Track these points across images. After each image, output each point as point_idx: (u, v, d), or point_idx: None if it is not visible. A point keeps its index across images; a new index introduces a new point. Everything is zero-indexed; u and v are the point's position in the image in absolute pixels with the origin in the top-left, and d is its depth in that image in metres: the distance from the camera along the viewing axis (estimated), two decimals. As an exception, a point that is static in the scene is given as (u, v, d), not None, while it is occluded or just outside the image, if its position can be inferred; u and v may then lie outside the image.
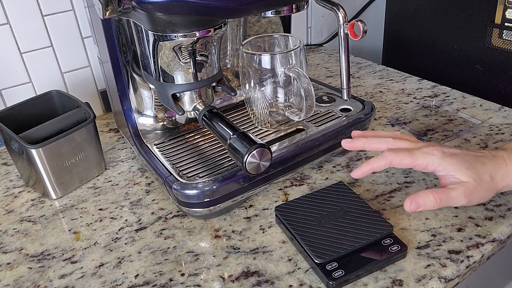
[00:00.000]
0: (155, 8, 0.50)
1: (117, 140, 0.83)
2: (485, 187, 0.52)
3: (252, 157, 0.53)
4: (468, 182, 0.52)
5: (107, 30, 0.62)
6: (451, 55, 0.99)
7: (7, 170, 0.76)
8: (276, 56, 0.63)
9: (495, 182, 0.53)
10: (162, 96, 0.62)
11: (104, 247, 0.58)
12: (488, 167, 0.53)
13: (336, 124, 0.69)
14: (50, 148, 0.64)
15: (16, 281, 0.54)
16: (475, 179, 0.52)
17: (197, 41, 0.56)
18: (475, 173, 0.52)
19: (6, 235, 0.62)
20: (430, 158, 0.53)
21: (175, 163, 0.64)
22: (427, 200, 0.52)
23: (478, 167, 0.53)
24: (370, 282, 0.50)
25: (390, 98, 0.90)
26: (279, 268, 0.53)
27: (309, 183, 0.67)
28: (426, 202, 0.52)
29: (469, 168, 0.52)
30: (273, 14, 0.64)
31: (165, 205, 0.65)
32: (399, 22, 1.10)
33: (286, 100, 0.68)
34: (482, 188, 0.52)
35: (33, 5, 0.78)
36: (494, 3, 0.86)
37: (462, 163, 0.53)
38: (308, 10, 1.16)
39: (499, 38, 0.87)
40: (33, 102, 0.73)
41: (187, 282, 0.52)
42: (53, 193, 0.68)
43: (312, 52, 1.17)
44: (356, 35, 0.62)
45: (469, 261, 0.52)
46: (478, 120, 0.78)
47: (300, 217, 0.57)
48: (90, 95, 0.91)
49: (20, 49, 0.80)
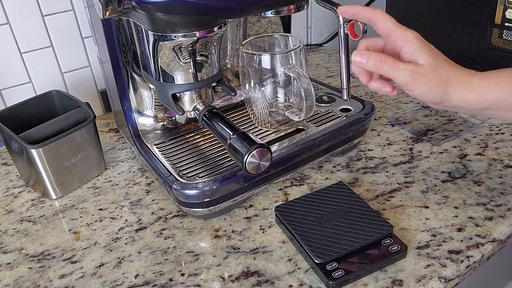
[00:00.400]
0: (155, 8, 0.50)
1: (117, 140, 0.83)
2: (436, 80, 0.49)
3: (252, 157, 0.53)
4: (424, 65, 0.49)
5: (107, 30, 0.62)
6: (451, 55, 0.98)
7: (7, 170, 0.76)
8: (276, 56, 0.63)
9: (449, 83, 0.49)
10: (162, 96, 0.62)
11: (104, 247, 0.58)
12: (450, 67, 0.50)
13: (336, 124, 0.69)
14: (50, 148, 0.64)
15: (16, 281, 0.54)
16: (432, 67, 0.49)
17: (197, 41, 0.56)
18: (436, 62, 0.50)
19: (6, 235, 0.62)
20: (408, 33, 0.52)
21: (175, 163, 0.64)
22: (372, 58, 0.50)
23: (441, 61, 0.50)
24: (370, 282, 0.50)
25: (390, 98, 0.90)
26: (279, 268, 0.53)
27: (309, 183, 0.67)
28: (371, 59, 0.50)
29: (433, 56, 0.50)
30: (273, 14, 0.64)
31: (165, 205, 0.65)
32: (399, 22, 1.10)
33: (286, 100, 0.68)
34: (431, 79, 0.49)
35: (33, 5, 0.78)
36: (494, 3, 0.86)
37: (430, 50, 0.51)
38: (308, 10, 1.16)
39: (499, 38, 0.87)
40: (33, 102, 0.73)
41: (187, 282, 0.52)
42: (53, 193, 0.68)
43: (312, 52, 1.17)
44: (356, 35, 0.62)
45: (469, 261, 0.52)
46: (478, 120, 0.78)
47: (300, 217, 0.57)
48: (90, 95, 0.91)
49: (20, 49, 0.80)
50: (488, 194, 0.62)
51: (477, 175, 0.66)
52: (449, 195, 0.62)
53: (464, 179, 0.65)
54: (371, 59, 0.50)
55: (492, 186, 0.63)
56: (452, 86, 0.49)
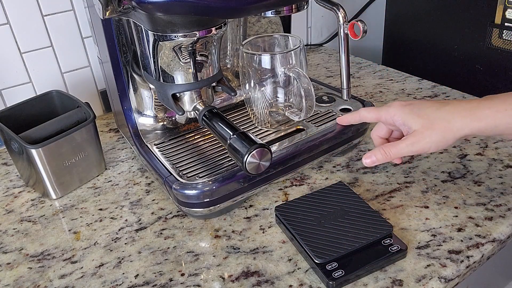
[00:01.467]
0: (155, 8, 0.50)
1: (117, 140, 0.83)
2: (439, 132, 0.50)
3: (252, 157, 0.53)
4: (418, 130, 0.51)
5: (107, 30, 0.62)
6: (451, 55, 0.99)
7: (7, 170, 0.76)
8: (276, 56, 0.63)
9: (453, 125, 0.50)
10: (162, 96, 0.62)
11: (104, 247, 0.58)
12: (443, 111, 0.51)
13: (336, 124, 0.69)
14: (50, 148, 0.64)
15: (16, 281, 0.54)
16: (425, 125, 0.51)
17: (197, 41, 0.56)
18: (426, 119, 0.51)
19: (6, 235, 0.62)
20: (390, 109, 0.55)
21: (175, 163, 0.64)
22: (378, 154, 0.54)
23: (430, 113, 0.51)
24: (370, 282, 0.50)
25: (390, 98, 0.90)
26: (279, 268, 0.53)
27: (309, 183, 0.67)
28: (378, 156, 0.54)
29: (420, 115, 0.52)
30: (273, 14, 0.64)
31: (165, 205, 0.65)
32: (399, 22, 1.10)
33: (286, 100, 0.68)
34: (434, 134, 0.50)
35: (33, 5, 0.78)
36: (494, 3, 0.86)
37: (414, 111, 0.52)
38: (308, 10, 1.16)
39: (499, 38, 0.87)
40: (33, 102, 0.73)
41: (187, 282, 0.52)
42: (53, 193, 0.68)
43: (312, 52, 1.17)
44: (356, 35, 0.62)
45: (469, 261, 0.52)
46: (478, 120, 0.78)
47: (300, 217, 0.57)
48: (90, 95, 0.91)
49: (20, 49, 0.80)
50: (488, 194, 0.62)
51: (477, 175, 0.66)
52: (449, 195, 0.62)
53: (464, 179, 0.65)
54: (377, 156, 0.54)
55: (492, 186, 0.63)
56: (457, 126, 0.50)
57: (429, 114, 0.52)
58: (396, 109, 0.54)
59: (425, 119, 0.51)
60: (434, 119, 0.51)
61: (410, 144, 0.51)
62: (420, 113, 0.52)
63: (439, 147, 0.51)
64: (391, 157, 0.53)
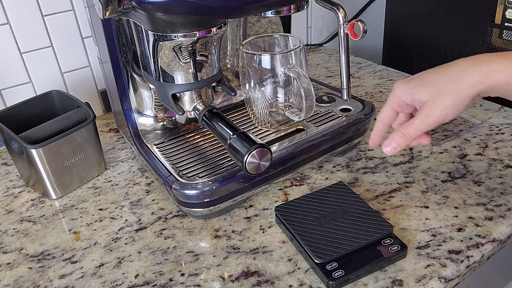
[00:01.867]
0: (155, 8, 0.50)
1: (117, 140, 0.83)
2: (450, 96, 0.47)
3: (252, 157, 0.53)
4: (428, 100, 0.48)
5: (107, 30, 0.62)
6: (451, 55, 0.99)
7: (7, 170, 0.76)
8: (276, 56, 0.63)
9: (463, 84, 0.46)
10: (162, 96, 0.62)
11: (104, 247, 0.58)
12: (449, 72, 0.48)
13: (336, 124, 0.69)
14: (50, 148, 0.64)
15: (16, 281, 0.54)
16: (434, 93, 0.47)
17: (197, 41, 0.56)
18: (432, 87, 0.48)
19: (6, 235, 0.62)
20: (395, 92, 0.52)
21: (175, 163, 0.64)
22: (397, 138, 0.50)
23: (434, 79, 0.48)
24: (370, 282, 0.50)
25: (390, 98, 0.90)
26: (279, 268, 0.53)
27: (309, 183, 0.67)
28: (397, 140, 0.50)
29: (425, 85, 0.48)
30: (273, 14, 0.64)
31: (165, 205, 0.65)
32: (399, 22, 1.10)
33: (286, 100, 0.68)
34: (446, 99, 0.47)
35: (33, 5, 0.78)
36: (494, 3, 0.86)
37: (419, 83, 0.49)
38: (308, 10, 1.16)
39: (499, 38, 0.87)
40: (33, 102, 0.73)
41: (187, 282, 0.52)
42: (53, 193, 0.68)
43: (312, 52, 1.17)
44: (356, 35, 0.62)
45: (469, 261, 0.52)
46: (478, 120, 0.78)
47: (300, 217, 0.57)
48: (90, 95, 0.91)
49: (20, 49, 0.80)
50: (488, 194, 0.62)
51: (477, 175, 0.66)
52: (449, 195, 0.62)
53: (464, 179, 0.65)
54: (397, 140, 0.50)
55: (492, 186, 0.63)
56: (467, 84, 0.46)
57: (434, 80, 0.48)
58: (400, 89, 0.51)
59: (431, 87, 0.48)
60: (440, 83, 0.47)
61: (425, 116, 0.48)
62: (425, 82, 0.49)
63: (457, 112, 0.47)
64: (411, 137, 0.49)
